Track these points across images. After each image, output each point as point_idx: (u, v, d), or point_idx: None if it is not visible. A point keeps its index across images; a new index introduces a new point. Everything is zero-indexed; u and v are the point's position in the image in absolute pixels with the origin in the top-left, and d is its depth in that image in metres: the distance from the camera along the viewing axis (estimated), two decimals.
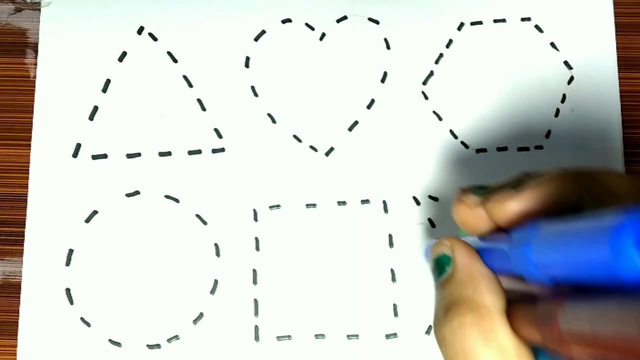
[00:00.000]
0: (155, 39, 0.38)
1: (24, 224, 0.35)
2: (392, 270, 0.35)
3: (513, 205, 0.19)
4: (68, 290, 0.35)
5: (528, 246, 0.16)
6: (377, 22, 0.38)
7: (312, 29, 0.38)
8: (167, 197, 0.36)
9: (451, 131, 0.37)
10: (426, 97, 0.37)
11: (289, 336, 0.34)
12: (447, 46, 0.38)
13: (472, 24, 0.38)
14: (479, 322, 0.19)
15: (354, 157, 0.37)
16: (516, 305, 0.19)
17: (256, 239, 0.36)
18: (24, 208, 0.36)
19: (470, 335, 0.19)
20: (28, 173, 0.36)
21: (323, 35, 0.38)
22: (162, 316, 0.35)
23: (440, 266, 0.21)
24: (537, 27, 0.38)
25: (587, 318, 0.14)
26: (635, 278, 0.13)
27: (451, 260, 0.21)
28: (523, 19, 0.38)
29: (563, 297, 0.15)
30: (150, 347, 0.34)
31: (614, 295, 0.13)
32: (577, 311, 0.15)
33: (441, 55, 0.38)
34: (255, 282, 0.35)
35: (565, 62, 0.38)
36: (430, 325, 0.34)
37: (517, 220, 0.19)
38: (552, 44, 0.38)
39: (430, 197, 0.36)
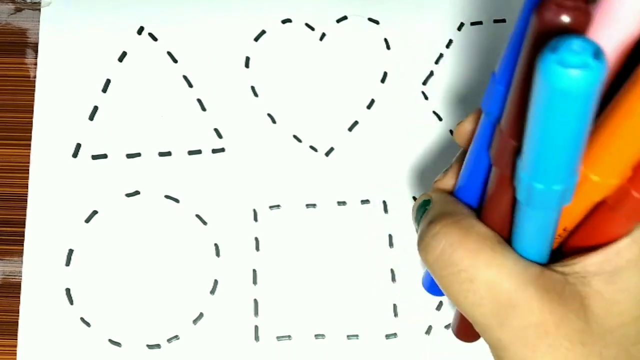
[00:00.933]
0: (155, 39, 0.38)
1: (24, 224, 0.35)
2: (392, 270, 0.35)
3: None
4: (68, 290, 0.35)
5: (493, 80, 0.19)
6: (377, 22, 0.38)
7: (312, 29, 0.38)
8: (167, 197, 0.36)
9: (451, 131, 0.37)
10: (426, 97, 0.37)
11: (289, 336, 0.34)
12: (447, 46, 0.38)
13: (472, 24, 0.38)
14: (458, 223, 0.20)
15: (354, 157, 0.37)
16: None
17: (256, 239, 0.36)
18: (24, 208, 0.36)
19: (452, 233, 0.20)
20: (28, 173, 0.36)
21: (323, 35, 0.38)
22: (162, 316, 0.35)
23: (422, 208, 0.23)
24: None
25: None
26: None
27: (430, 201, 0.23)
28: None
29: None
30: (150, 347, 0.34)
31: None
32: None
33: (441, 55, 0.38)
34: (255, 282, 0.35)
35: None
36: (430, 325, 0.34)
37: None
38: None
39: None
